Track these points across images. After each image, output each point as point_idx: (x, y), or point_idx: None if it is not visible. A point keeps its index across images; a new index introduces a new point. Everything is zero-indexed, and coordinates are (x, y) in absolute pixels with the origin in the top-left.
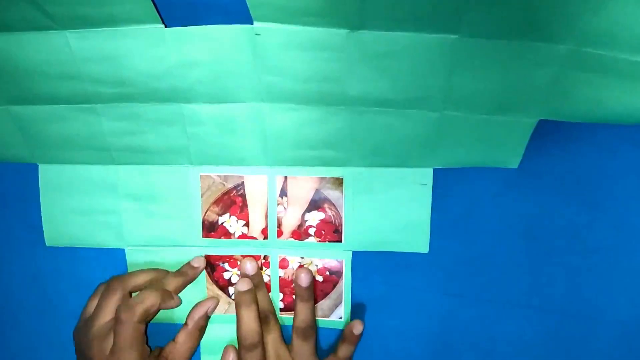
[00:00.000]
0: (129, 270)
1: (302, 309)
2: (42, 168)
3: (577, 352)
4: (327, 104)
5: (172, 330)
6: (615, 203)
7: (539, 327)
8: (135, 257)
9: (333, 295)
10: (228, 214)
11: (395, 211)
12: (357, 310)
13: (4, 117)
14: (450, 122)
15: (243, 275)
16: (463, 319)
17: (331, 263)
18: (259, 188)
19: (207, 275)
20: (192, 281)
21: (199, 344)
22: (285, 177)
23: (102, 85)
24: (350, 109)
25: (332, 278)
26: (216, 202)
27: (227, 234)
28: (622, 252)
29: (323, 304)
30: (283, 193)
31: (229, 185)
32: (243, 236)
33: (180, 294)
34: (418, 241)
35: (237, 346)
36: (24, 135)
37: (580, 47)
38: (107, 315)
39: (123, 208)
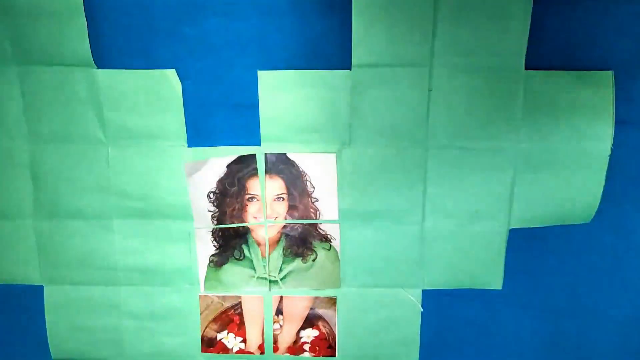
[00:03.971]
0: None
1: None
2: (47, 289)
3: (577, 351)
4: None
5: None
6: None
7: (539, 327)
8: None
9: None
10: (226, 331)
11: (386, 329)
12: None
13: (27, 232)
14: (431, 235)
15: None
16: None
17: None
18: (255, 307)
19: None
20: None
21: None
22: (281, 297)
23: (125, 198)
24: (343, 224)
25: None
26: (215, 320)
27: (225, 349)
28: (622, 252)
29: None
30: (279, 311)
31: (227, 304)
32: (241, 351)
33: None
34: (408, 358)
35: None
36: (40, 253)
37: (534, 146)
38: None
39: (124, 326)
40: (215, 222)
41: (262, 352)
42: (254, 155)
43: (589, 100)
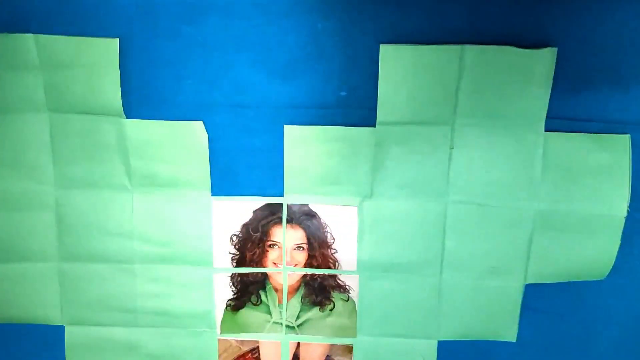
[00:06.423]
0: None
1: None
2: (68, 330)
3: (577, 351)
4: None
5: None
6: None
7: (538, 327)
8: None
9: None
10: None
11: None
12: None
13: (51, 275)
14: (448, 288)
15: None
16: None
17: None
18: (273, 352)
19: None
20: None
21: None
22: (298, 343)
23: (148, 244)
24: (362, 275)
25: None
26: None
27: None
28: (622, 254)
29: None
30: (296, 357)
31: (245, 348)
32: None
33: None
34: None
35: None
36: (62, 294)
37: (552, 206)
38: None
39: None
40: (235, 264)
41: None
42: (281, 204)
43: (606, 162)
